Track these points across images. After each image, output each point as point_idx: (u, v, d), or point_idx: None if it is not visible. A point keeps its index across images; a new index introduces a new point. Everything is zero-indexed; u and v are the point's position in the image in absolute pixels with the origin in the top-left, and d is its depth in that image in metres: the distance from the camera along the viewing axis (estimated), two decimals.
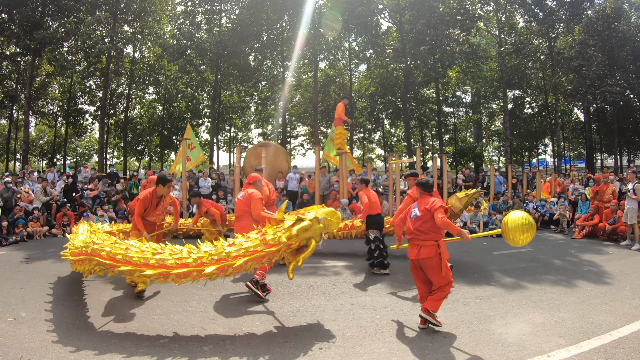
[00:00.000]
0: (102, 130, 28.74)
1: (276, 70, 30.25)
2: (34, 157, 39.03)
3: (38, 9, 25.00)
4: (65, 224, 13.14)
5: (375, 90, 33.07)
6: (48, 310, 5.79)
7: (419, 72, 27.33)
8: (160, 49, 28.34)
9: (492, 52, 30.75)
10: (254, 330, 5.05)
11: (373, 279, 7.47)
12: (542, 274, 7.76)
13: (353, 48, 32.48)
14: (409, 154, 27.35)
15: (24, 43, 23.74)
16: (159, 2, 28.90)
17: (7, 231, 11.85)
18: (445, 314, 5.44)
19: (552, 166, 36.72)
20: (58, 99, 34.00)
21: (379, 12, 28.02)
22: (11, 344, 4.61)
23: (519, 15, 29.34)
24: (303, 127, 38.60)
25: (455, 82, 34.77)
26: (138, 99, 35.00)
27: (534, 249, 10.31)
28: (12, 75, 29.44)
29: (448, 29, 25.59)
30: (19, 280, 7.35)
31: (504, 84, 28.57)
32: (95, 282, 7.30)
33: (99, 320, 5.43)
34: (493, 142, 39.26)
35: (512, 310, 5.71)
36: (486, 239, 11.82)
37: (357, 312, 5.65)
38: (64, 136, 35.57)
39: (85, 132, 36.19)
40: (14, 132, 34.35)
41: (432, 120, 35.08)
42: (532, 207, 14.48)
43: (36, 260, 9.31)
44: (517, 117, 33.26)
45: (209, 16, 27.88)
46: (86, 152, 43.08)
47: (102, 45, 23.76)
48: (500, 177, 17.41)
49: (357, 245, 10.86)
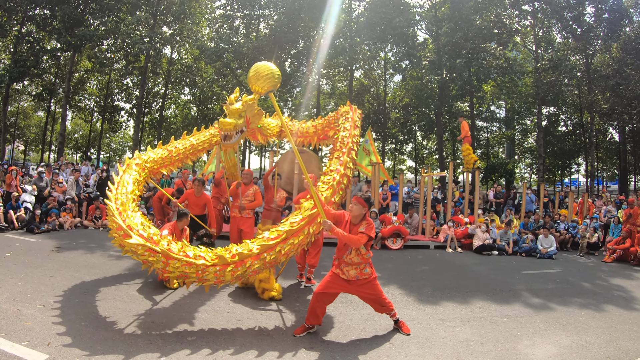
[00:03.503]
0: (137, 127, 29.26)
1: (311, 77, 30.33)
2: (68, 149, 39.95)
3: (80, 7, 25.70)
4: (97, 216, 13.34)
5: (409, 101, 32.86)
6: (77, 300, 5.85)
7: (454, 85, 27.07)
8: (198, 51, 28.67)
9: (528, 67, 30.21)
10: (280, 334, 5.07)
11: (401, 290, 7.40)
12: (570, 296, 7.61)
13: (389, 58, 32.37)
14: (441, 168, 27.03)
15: (64, 39, 24.38)
16: (198, 5, 29.34)
17: (39, 220, 12.06)
18: (472, 331, 5.41)
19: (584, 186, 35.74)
20: (95, 94, 34.83)
21: (416, 23, 27.91)
22: (39, 330, 4.67)
23: (556, 30, 28.89)
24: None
25: (489, 97, 34.29)
26: (174, 99, 35.50)
27: (563, 271, 10.14)
28: (52, 69, 30.32)
29: (485, 43, 25.34)
30: (49, 269, 7.45)
31: (539, 100, 27.99)
32: (126, 276, 7.35)
33: (128, 313, 5.49)
34: (525, 159, 38.52)
35: (539, 331, 5.62)
36: (515, 258, 11.70)
37: (384, 323, 5.59)
38: (99, 131, 36.42)
39: (120, 129, 36.89)
40: (51, 125, 35.33)
41: None
42: (563, 228, 14.19)
43: (67, 250, 9.44)
44: (551, 134, 32.59)
45: (247, 21, 28.12)
46: (119, 148, 43.99)
47: (141, 45, 24.15)
48: (532, 195, 17.01)
49: (385, 256, 10.82)
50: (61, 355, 4.14)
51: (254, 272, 5.29)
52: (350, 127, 7.69)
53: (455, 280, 8.36)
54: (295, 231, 5.53)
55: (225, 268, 5.09)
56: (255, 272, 5.32)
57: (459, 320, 5.82)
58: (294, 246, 5.50)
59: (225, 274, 5.08)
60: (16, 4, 25.28)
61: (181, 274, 5.07)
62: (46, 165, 17.07)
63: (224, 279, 5.12)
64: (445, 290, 7.43)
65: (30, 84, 31.77)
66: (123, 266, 8.12)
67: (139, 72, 28.83)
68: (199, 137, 8.57)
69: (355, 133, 7.67)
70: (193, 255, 5.14)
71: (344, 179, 6.69)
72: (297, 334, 5.00)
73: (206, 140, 8.61)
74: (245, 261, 5.17)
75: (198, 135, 8.64)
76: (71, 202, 13.38)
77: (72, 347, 4.32)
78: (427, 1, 28.97)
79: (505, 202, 16.89)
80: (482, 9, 25.01)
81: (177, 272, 5.08)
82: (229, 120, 6.45)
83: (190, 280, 5.14)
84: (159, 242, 5.19)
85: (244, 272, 5.18)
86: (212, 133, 8.78)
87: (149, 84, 32.28)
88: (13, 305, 5.42)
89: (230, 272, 5.09)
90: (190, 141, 8.35)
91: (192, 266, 5.04)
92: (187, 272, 5.03)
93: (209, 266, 5.07)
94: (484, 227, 12.51)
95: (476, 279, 8.70)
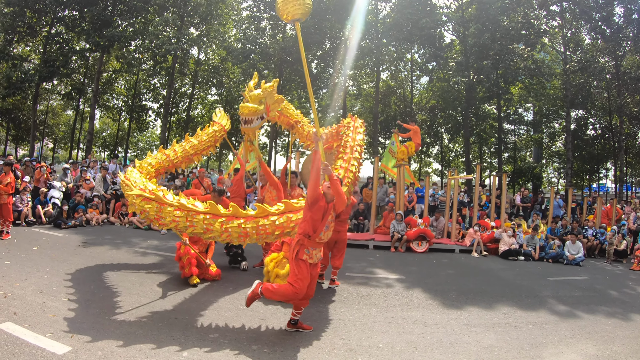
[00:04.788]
0: (164, 127, 29.58)
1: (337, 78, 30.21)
2: (96, 148, 40.65)
3: (108, 8, 26.16)
4: (124, 213, 13.51)
5: (436, 103, 32.48)
6: (101, 294, 5.92)
7: (481, 87, 26.70)
8: (224, 52, 28.87)
9: (556, 69, 29.55)
10: (302, 334, 5.08)
11: (425, 294, 7.37)
12: (597, 304, 7.50)
13: (415, 60, 32.11)
14: (468, 170, 26.65)
15: (93, 40, 24.82)
16: (225, 6, 29.51)
17: (67, 215, 12.26)
18: (497, 337, 5.38)
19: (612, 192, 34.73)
20: (123, 94, 35.30)
21: (443, 24, 27.62)
22: (63, 322, 4.76)
23: (585, 31, 28.19)
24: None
25: (517, 99, 33.63)
26: (200, 99, 35.70)
27: (590, 278, 9.97)
28: (80, 69, 30.94)
29: (512, 44, 24.98)
30: (75, 263, 7.57)
31: (567, 103, 27.34)
32: (150, 272, 7.42)
33: (151, 308, 5.57)
34: (553, 164, 37.64)
35: (565, 339, 5.56)
36: (541, 264, 11.53)
37: (407, 326, 5.60)
38: (126, 130, 36.98)
39: (147, 128, 37.25)
40: (79, 123, 35.97)
41: (492, 137, 34.00)
42: (592, 234, 13.92)
43: (93, 245, 9.60)
44: (579, 138, 31.76)
45: (273, 22, 28.17)
46: (147, 147, 44.54)
47: (169, 46, 24.40)
48: (560, 200, 16.61)
49: (410, 259, 10.73)
50: (84, 348, 4.18)
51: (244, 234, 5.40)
52: (352, 132, 7.90)
53: (480, 285, 8.30)
54: (296, 209, 5.70)
55: (216, 219, 5.34)
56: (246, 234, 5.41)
57: (484, 326, 5.78)
58: (289, 221, 5.59)
59: (215, 224, 5.30)
60: (45, 6, 25.83)
61: (172, 219, 5.35)
62: (73, 162, 17.36)
63: (212, 229, 5.31)
64: (470, 295, 7.38)
65: (60, 83, 32.26)
66: (148, 263, 8.20)
67: (167, 72, 29.11)
68: (201, 136, 8.71)
69: (356, 137, 7.84)
70: (187, 202, 5.48)
71: (349, 173, 6.94)
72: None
73: (209, 138, 8.73)
74: (238, 217, 5.39)
75: (200, 134, 8.75)
76: (98, 198, 13.59)
77: (95, 340, 4.37)
78: (454, 2, 28.67)
79: (532, 207, 16.65)
80: (509, 10, 24.64)
81: (169, 217, 5.36)
82: (249, 105, 6.58)
83: (181, 226, 5.37)
84: (156, 192, 5.55)
85: (234, 229, 5.33)
86: (215, 129, 8.89)
87: (176, 84, 32.54)
88: (38, 297, 5.50)
89: (220, 223, 5.31)
90: (191, 142, 8.47)
91: (183, 211, 5.34)
92: (179, 218, 5.33)
93: (199, 212, 5.36)
94: (511, 231, 12.36)
95: (502, 284, 8.62)
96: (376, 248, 12.01)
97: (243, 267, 8.16)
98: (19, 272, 6.70)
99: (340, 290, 7.13)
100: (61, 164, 28.19)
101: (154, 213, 5.47)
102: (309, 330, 5.10)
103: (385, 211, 14.01)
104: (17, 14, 24.99)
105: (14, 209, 10.81)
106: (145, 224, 12.68)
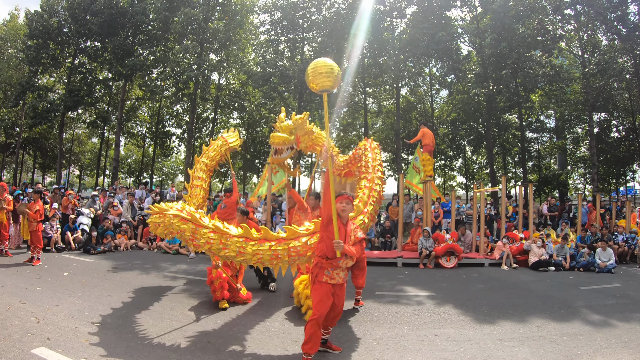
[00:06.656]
0: (189, 152, 29.96)
1: (357, 96, 30.25)
2: (122, 174, 41.45)
3: (129, 38, 27.04)
4: (152, 238, 13.66)
5: (457, 116, 32.29)
6: (133, 319, 5.93)
7: (501, 97, 26.47)
8: (245, 76, 29.30)
9: (575, 73, 29.10)
10: (335, 356, 5.04)
11: (457, 310, 7.29)
12: (631, 312, 7.35)
13: (434, 74, 32.12)
14: (492, 182, 26.29)
15: (116, 69, 25.58)
16: (243, 31, 30.03)
17: (95, 241, 12.46)
18: (532, 351, 5.31)
19: None
20: (147, 121, 36.07)
21: (459, 36, 27.72)
22: (97, 348, 4.73)
23: (601, 33, 27.73)
24: (384, 154, 38.14)
25: (538, 107, 33.22)
26: (223, 123, 36.11)
27: (623, 285, 9.80)
28: (104, 98, 31.94)
29: (529, 51, 24.86)
30: (106, 288, 7.65)
31: (589, 107, 26.89)
32: (181, 296, 7.48)
33: (183, 332, 5.59)
34: (578, 169, 36.82)
35: (600, 349, 5.45)
36: (573, 273, 11.36)
37: (440, 343, 5.53)
38: (151, 156, 37.63)
39: (171, 153, 38.01)
40: (105, 150, 36.82)
41: (515, 147, 33.56)
42: (622, 240, 13.69)
43: (122, 270, 9.70)
44: (603, 141, 31.08)
45: (291, 45, 28.65)
46: (171, 172, 45.22)
47: (190, 73, 24.90)
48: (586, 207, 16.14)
49: (439, 275, 10.59)
50: None
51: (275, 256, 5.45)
52: (370, 153, 7.96)
53: (511, 299, 8.19)
54: None
55: (248, 242, 5.46)
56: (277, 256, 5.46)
57: (517, 340, 5.70)
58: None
59: (247, 247, 5.40)
60: (68, 38, 26.79)
61: (206, 241, 5.51)
62: (101, 189, 17.68)
63: (244, 252, 5.41)
64: (501, 309, 7.28)
65: (84, 112, 33.29)
66: (178, 287, 8.23)
67: (189, 98, 29.66)
68: (207, 153, 8.91)
69: (376, 157, 7.92)
70: (222, 225, 5.68)
71: (374, 192, 7.03)
72: None
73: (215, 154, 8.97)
74: (269, 239, 5.49)
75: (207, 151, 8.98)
76: (126, 224, 13.78)
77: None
78: (469, 13, 28.67)
79: (560, 215, 16.40)
80: (524, 17, 24.50)
81: (204, 239, 5.52)
82: (280, 135, 6.60)
83: (214, 248, 5.51)
84: (193, 214, 5.71)
85: (266, 252, 5.41)
86: (218, 144, 9.07)
87: (199, 110, 33.06)
88: (71, 322, 5.57)
89: (252, 246, 5.42)
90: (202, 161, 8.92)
91: (217, 234, 5.51)
92: (213, 240, 5.50)
93: (233, 236, 5.50)
94: (540, 242, 12.21)
95: (533, 296, 8.50)
96: (405, 265, 11.92)
97: (271, 288, 8.15)
98: (50, 298, 6.82)
99: (371, 309, 7.08)
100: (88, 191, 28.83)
101: (190, 234, 5.60)
102: (338, 351, 5.06)
103: (412, 228, 13.97)
104: (41, 46, 25.98)
105: (43, 236, 11.10)
106: (174, 249, 12.79)
